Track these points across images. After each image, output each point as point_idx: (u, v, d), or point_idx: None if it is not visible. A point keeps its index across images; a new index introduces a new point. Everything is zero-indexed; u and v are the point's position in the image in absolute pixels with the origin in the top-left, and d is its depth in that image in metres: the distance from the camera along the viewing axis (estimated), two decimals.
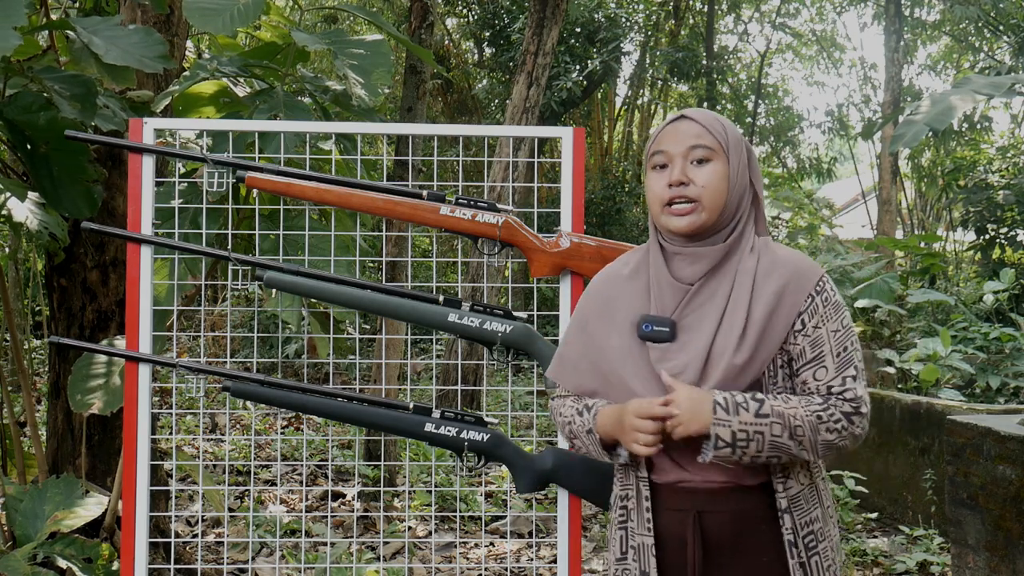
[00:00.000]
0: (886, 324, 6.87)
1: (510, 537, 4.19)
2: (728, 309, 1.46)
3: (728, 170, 1.49)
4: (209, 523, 4.26)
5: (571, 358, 1.61)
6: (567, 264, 2.08)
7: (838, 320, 1.47)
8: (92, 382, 2.59)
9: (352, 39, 2.69)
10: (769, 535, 1.47)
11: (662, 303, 1.50)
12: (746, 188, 1.52)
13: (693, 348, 1.46)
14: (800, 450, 1.42)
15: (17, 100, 2.48)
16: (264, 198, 2.60)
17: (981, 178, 9.22)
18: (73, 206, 2.57)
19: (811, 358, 1.45)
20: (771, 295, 1.46)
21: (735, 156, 1.50)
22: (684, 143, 1.49)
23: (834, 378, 1.44)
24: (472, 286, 5.54)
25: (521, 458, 1.99)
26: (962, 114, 7.31)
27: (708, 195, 1.47)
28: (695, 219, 1.47)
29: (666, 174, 1.50)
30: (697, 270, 1.49)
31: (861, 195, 16.30)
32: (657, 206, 1.51)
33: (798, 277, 1.47)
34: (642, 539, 1.51)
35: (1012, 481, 2.89)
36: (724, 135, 1.50)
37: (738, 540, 1.47)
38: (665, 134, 1.52)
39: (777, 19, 15.72)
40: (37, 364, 7.07)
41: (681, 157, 1.49)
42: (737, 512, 1.47)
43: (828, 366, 1.45)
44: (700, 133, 1.49)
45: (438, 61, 10.42)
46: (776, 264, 1.49)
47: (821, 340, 1.45)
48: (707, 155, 1.48)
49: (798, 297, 1.46)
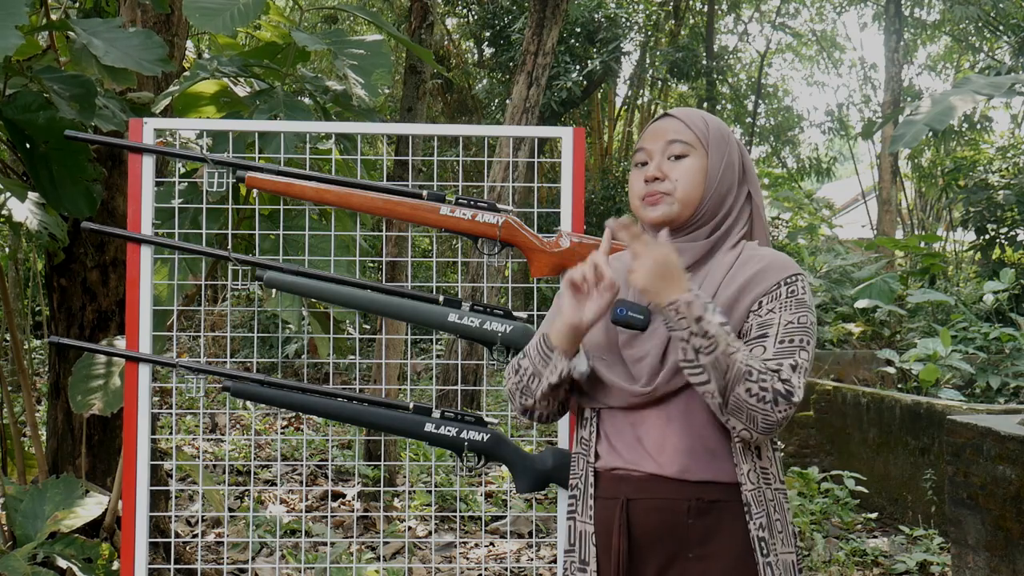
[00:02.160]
0: (886, 324, 6.88)
1: (510, 537, 4.19)
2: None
3: (706, 164, 1.48)
4: (209, 523, 4.25)
5: (543, 330, 1.56)
6: (567, 264, 2.08)
7: (796, 314, 1.41)
8: (92, 382, 2.59)
9: (352, 39, 2.69)
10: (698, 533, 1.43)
11: (638, 292, 1.45)
12: (732, 187, 1.50)
13: (658, 333, 1.45)
14: (717, 383, 1.35)
15: (17, 100, 2.48)
16: (264, 198, 2.61)
17: (981, 178, 9.21)
18: (73, 206, 2.57)
19: (754, 336, 1.41)
20: (741, 281, 1.44)
21: (716, 152, 1.49)
22: (663, 139, 1.50)
23: (770, 359, 1.38)
24: (472, 286, 5.54)
25: (521, 458, 1.99)
26: (962, 114, 7.32)
27: (681, 188, 1.47)
28: (667, 209, 1.47)
29: (645, 171, 1.51)
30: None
31: (861, 195, 16.31)
32: (636, 201, 1.52)
33: (770, 267, 1.46)
34: (583, 527, 1.50)
35: (1012, 481, 2.89)
36: (705, 131, 1.50)
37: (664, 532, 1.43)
38: (648, 132, 1.54)
39: (777, 19, 15.73)
40: (37, 364, 7.08)
41: (659, 153, 1.50)
42: (665, 503, 1.44)
43: (767, 347, 1.39)
44: (679, 129, 1.50)
45: (438, 61, 10.42)
46: (753, 256, 1.48)
47: (770, 323, 1.41)
48: (684, 150, 1.49)
49: (765, 284, 1.44)
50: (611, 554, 1.46)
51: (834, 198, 16.79)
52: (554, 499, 2.60)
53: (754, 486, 1.43)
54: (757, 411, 1.36)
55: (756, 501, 1.43)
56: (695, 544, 1.44)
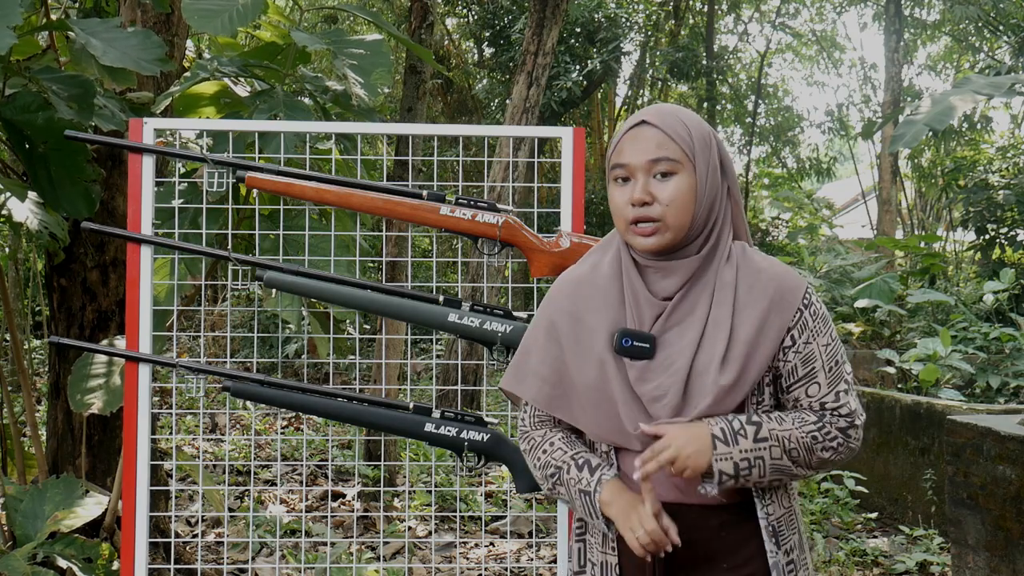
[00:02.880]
0: (886, 324, 6.87)
1: (510, 537, 4.19)
2: (709, 325, 1.39)
3: (695, 181, 1.39)
4: (209, 523, 4.25)
5: (533, 367, 1.50)
6: (567, 264, 2.07)
7: (827, 333, 1.42)
8: (92, 382, 2.59)
9: (352, 39, 2.69)
10: (730, 543, 1.43)
11: (640, 317, 1.41)
12: (717, 191, 1.42)
13: (674, 368, 1.38)
14: (798, 469, 1.39)
15: (16, 100, 2.48)
16: (264, 198, 2.61)
17: (981, 178, 9.21)
18: (71, 206, 2.57)
19: (803, 375, 1.41)
20: (757, 314, 1.39)
21: (703, 162, 1.39)
22: (645, 155, 1.38)
23: (827, 394, 1.41)
24: (472, 286, 5.54)
25: (521, 458, 1.99)
26: (962, 114, 7.31)
27: (672, 213, 1.37)
28: (660, 239, 1.38)
29: (628, 188, 1.39)
30: (672, 283, 1.41)
31: (861, 195, 16.31)
32: (622, 223, 1.41)
33: (784, 293, 1.41)
34: (604, 557, 1.47)
35: (1012, 481, 2.89)
36: (689, 141, 1.39)
37: (697, 547, 1.41)
38: (625, 143, 1.40)
39: (777, 19, 15.73)
40: (37, 364, 7.08)
41: (643, 172, 1.38)
42: (695, 522, 1.41)
43: (820, 382, 1.41)
44: (662, 142, 1.38)
45: (438, 61, 10.42)
46: (759, 278, 1.41)
47: (813, 356, 1.40)
48: (671, 168, 1.37)
49: (786, 315, 1.40)
50: (644, 571, 1.43)
51: (834, 198, 16.81)
52: (554, 499, 2.60)
53: (784, 510, 1.45)
54: (840, 453, 1.43)
55: (787, 523, 1.45)
56: (728, 555, 1.43)
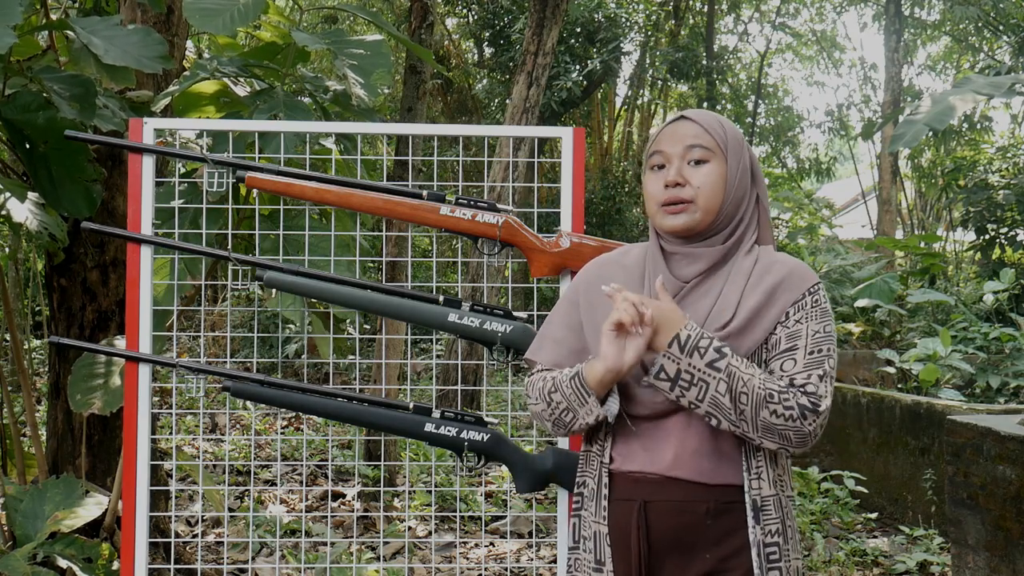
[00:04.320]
0: (886, 324, 6.88)
1: (510, 537, 4.19)
2: (719, 301, 1.47)
3: (726, 170, 1.49)
4: (209, 523, 4.25)
5: (555, 335, 1.59)
6: (567, 264, 2.08)
7: (821, 324, 1.46)
8: (92, 382, 2.59)
9: (352, 39, 2.69)
10: (715, 533, 1.45)
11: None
12: (746, 192, 1.52)
13: None
14: (738, 419, 1.39)
15: (16, 100, 2.48)
16: (264, 198, 2.60)
17: (981, 178, 9.21)
18: (72, 205, 2.57)
19: (784, 348, 1.45)
20: (766, 288, 1.46)
21: (734, 158, 1.50)
22: (682, 143, 1.49)
23: (800, 372, 1.42)
24: (472, 286, 5.54)
25: (521, 458, 1.99)
26: (962, 114, 7.32)
27: (703, 195, 1.47)
28: (689, 219, 1.47)
29: (663, 174, 1.50)
30: (694, 270, 1.50)
31: (861, 195, 16.32)
32: (654, 206, 1.51)
33: (794, 276, 1.48)
34: (596, 527, 1.50)
35: (1012, 481, 2.89)
36: (723, 136, 1.50)
37: (682, 533, 1.45)
38: (664, 135, 1.52)
39: (777, 19, 15.73)
40: (37, 364, 7.08)
41: (678, 157, 1.49)
42: (683, 504, 1.45)
43: (797, 359, 1.43)
44: (698, 133, 1.49)
45: (438, 61, 10.42)
46: (774, 263, 1.50)
47: (799, 335, 1.44)
48: (704, 155, 1.48)
49: (792, 293, 1.46)
50: (629, 555, 1.47)
51: (834, 198, 16.82)
52: (554, 499, 2.60)
53: (772, 492, 1.45)
54: (788, 429, 1.40)
55: (774, 506, 1.45)
56: (712, 544, 1.45)
